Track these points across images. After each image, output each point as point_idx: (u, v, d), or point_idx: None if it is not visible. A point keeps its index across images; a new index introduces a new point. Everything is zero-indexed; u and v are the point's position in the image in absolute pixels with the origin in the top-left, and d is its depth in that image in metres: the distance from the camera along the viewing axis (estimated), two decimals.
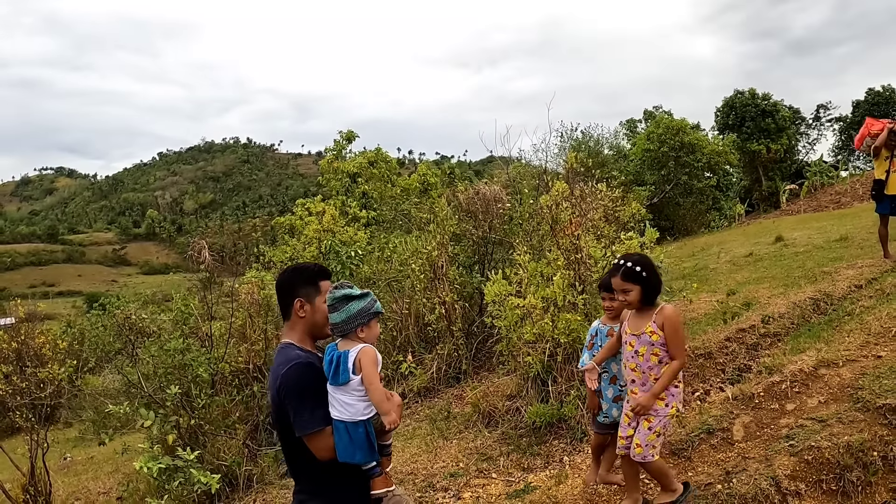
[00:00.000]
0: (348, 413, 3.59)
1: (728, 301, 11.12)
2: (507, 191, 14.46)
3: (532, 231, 11.45)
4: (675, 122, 37.01)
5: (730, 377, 8.20)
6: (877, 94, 79.05)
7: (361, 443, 3.61)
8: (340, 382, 3.61)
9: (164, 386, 10.16)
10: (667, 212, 35.54)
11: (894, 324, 7.71)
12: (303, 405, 3.63)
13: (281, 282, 4.02)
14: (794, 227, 24.73)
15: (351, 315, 3.69)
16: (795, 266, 13.85)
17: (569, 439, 7.72)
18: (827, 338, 8.10)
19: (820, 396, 6.36)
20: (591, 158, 30.53)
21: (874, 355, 6.86)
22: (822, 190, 48.56)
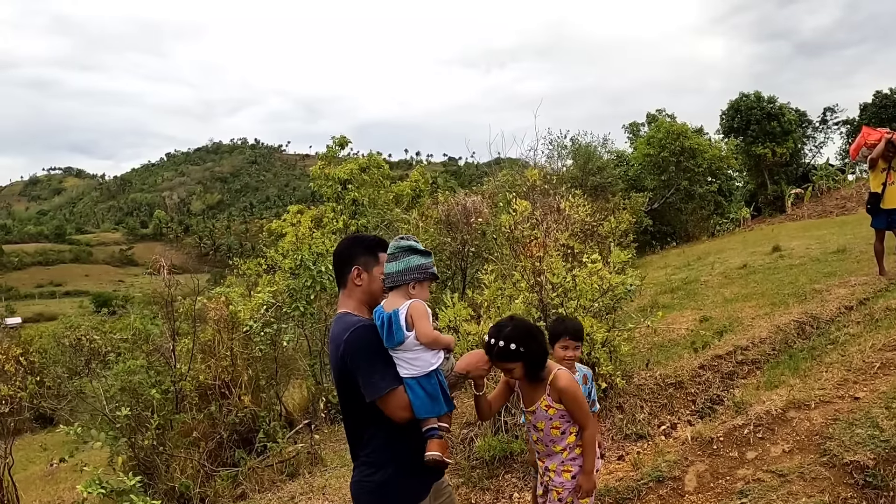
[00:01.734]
0: (417, 368, 3.51)
1: (699, 329, 10.61)
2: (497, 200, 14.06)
3: (502, 247, 10.97)
4: (676, 127, 36.56)
5: (700, 409, 7.68)
6: (884, 96, 78.75)
7: (436, 393, 3.54)
8: (396, 342, 3.49)
9: (118, 406, 9.85)
10: (668, 217, 35.17)
11: (877, 358, 7.24)
12: (373, 367, 3.51)
13: (339, 251, 3.90)
14: (793, 234, 24.33)
15: (410, 267, 3.58)
16: (787, 281, 13.42)
17: (521, 474, 7.21)
18: (805, 370, 7.63)
19: (785, 444, 5.84)
20: (587, 165, 30.46)
21: (851, 396, 6.37)
22: (827, 194, 48.18)
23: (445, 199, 14.21)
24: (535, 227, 8.67)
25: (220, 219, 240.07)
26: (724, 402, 7.57)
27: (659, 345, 10.10)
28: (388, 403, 3.50)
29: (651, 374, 8.29)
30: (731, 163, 40.38)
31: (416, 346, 3.51)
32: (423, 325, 3.51)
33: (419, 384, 3.50)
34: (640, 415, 7.63)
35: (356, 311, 3.72)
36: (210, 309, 11.83)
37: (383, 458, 3.62)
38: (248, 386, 11.41)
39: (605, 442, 7.26)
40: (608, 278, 7.51)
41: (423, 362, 3.51)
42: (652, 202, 32.66)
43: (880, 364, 7.08)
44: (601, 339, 7.28)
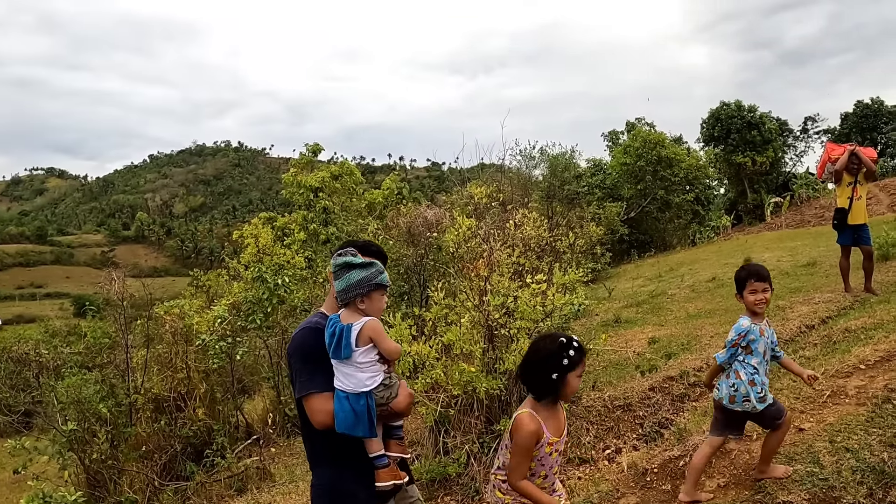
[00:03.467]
0: (350, 384, 3.54)
1: (654, 348, 10.45)
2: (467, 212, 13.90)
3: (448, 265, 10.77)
4: (654, 136, 36.58)
5: (647, 433, 7.50)
6: (865, 106, 79.56)
7: (362, 414, 3.52)
8: (343, 357, 3.55)
9: (67, 420, 9.72)
10: (645, 226, 35.17)
11: (828, 385, 7.07)
12: (304, 368, 3.63)
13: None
14: (768, 245, 24.34)
15: (351, 283, 3.62)
16: None
17: (460, 496, 7.06)
18: None
19: (721, 478, 5.65)
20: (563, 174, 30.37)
21: (796, 427, 6.20)
22: (807, 203, 48.36)
23: (408, 211, 14.05)
24: (481, 244, 8.50)
25: (203, 222, 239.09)
26: (671, 427, 7.41)
27: (614, 363, 9.95)
28: (310, 405, 3.59)
29: (600, 396, 8.15)
30: (709, 172, 40.39)
31: (361, 363, 3.54)
32: (386, 344, 3.62)
33: (347, 399, 3.51)
34: (586, 438, 7.50)
35: (329, 311, 3.81)
36: (166, 321, 11.66)
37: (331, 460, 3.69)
38: (203, 399, 11.25)
39: None
40: (553, 299, 7.34)
41: (356, 381, 3.54)
42: (628, 211, 32.61)
43: (830, 392, 6.90)
44: None
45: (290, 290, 12.11)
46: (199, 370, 11.37)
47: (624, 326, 12.51)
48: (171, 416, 10.93)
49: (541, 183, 28.99)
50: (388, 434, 3.77)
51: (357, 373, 3.55)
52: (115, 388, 10.75)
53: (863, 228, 11.70)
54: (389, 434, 3.78)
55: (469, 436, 7.45)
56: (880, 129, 76.71)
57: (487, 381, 7.05)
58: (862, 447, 5.43)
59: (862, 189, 11.68)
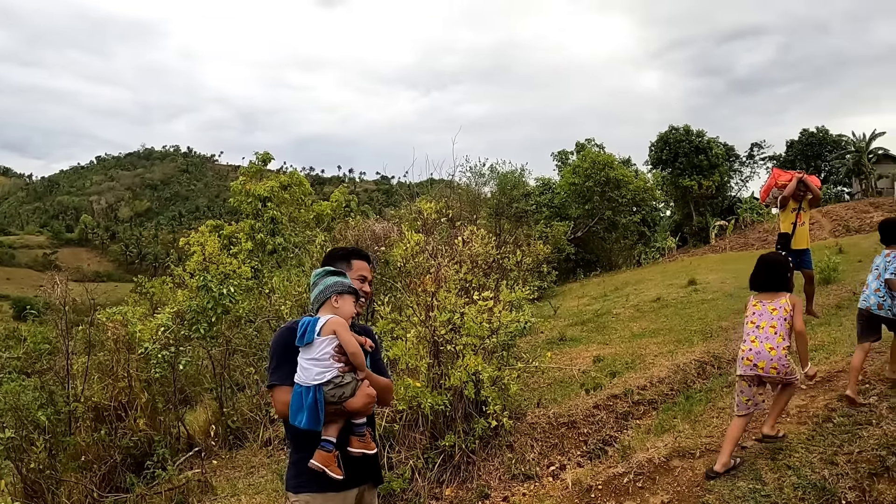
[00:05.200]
0: (304, 377, 3.70)
1: (599, 366, 10.49)
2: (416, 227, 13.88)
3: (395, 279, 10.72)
4: (602, 157, 36.89)
5: (591, 450, 7.53)
6: (811, 134, 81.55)
7: (309, 407, 3.67)
8: (305, 342, 3.73)
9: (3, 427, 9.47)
10: (592, 246, 35.39)
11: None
12: (273, 361, 3.86)
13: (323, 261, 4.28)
14: (712, 267, 24.60)
15: (328, 285, 3.87)
16: (696, 317, 13.49)
17: None
18: (697, 415, 7.54)
19: (664, 495, 5.69)
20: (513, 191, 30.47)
21: (739, 445, 6.26)
22: (751, 227, 49.10)
23: (356, 224, 14.02)
24: (429, 259, 8.49)
25: (148, 227, 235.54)
26: (615, 444, 7.45)
27: (559, 380, 9.98)
28: (273, 396, 3.88)
29: (544, 413, 8.16)
30: (656, 194, 40.78)
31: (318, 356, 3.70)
32: (346, 336, 3.77)
33: (301, 392, 3.68)
34: (530, 454, 7.48)
35: None
36: (108, 328, 11.46)
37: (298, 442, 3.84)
38: (144, 409, 11.07)
39: (493, 482, 7.11)
40: (499, 316, 7.36)
41: (308, 374, 3.69)
42: (575, 230, 32.81)
43: None
44: (488, 379, 7.10)
45: (236, 299, 11.98)
46: (141, 379, 11.17)
47: (569, 344, 12.57)
48: (112, 425, 10.66)
49: (490, 200, 29.07)
50: (350, 431, 3.87)
51: (313, 366, 3.69)
52: (55, 395, 10.47)
53: (805, 253, 11.89)
54: (352, 430, 3.88)
55: (414, 451, 7.42)
56: (824, 157, 78.51)
57: (432, 396, 7.03)
58: (803, 464, 5.53)
59: (805, 215, 11.86)
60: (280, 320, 12.11)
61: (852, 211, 42.00)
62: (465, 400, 7.35)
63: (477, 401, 7.27)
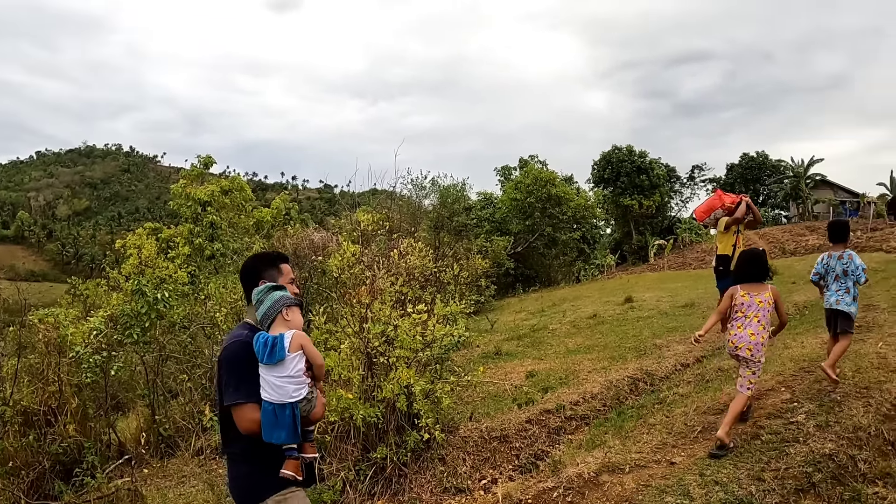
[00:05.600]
0: (277, 395, 3.69)
1: (533, 381, 10.52)
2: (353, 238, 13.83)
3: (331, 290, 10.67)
4: (545, 174, 37.14)
5: (523, 465, 7.56)
6: (750, 158, 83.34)
7: (287, 424, 3.72)
8: (276, 359, 3.71)
9: None
10: (531, 261, 35.57)
11: (700, 421, 7.29)
12: (234, 378, 3.79)
13: (246, 267, 4.24)
14: (649, 285, 24.87)
15: (276, 300, 3.87)
16: (631, 334, 13.61)
17: None
18: (628, 430, 7.61)
19: None
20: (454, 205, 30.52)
21: (667, 461, 6.36)
22: (689, 246, 49.92)
23: (295, 232, 13.93)
24: (365, 271, 8.46)
25: (86, 227, 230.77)
26: (547, 458, 7.48)
27: (493, 395, 9.99)
28: (238, 414, 3.77)
29: (477, 427, 8.16)
30: (596, 212, 41.19)
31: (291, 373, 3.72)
32: (314, 351, 3.86)
33: (273, 410, 3.68)
34: (462, 468, 7.47)
35: (257, 324, 3.97)
36: (40, 330, 11.23)
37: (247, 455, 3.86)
38: (74, 414, 10.85)
39: (425, 495, 7.10)
40: (433, 329, 7.36)
41: (283, 392, 3.69)
42: (515, 245, 32.97)
43: (702, 428, 7.12)
44: (420, 392, 7.09)
45: (170, 305, 11.82)
46: (72, 384, 10.93)
47: (504, 359, 12.60)
48: (41, 430, 10.41)
49: (431, 213, 29.10)
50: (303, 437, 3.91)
51: (286, 384, 3.70)
52: None
53: None
54: (305, 437, 3.93)
55: (345, 463, 7.37)
56: (763, 180, 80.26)
57: (365, 408, 7.00)
58: (731, 480, 5.63)
59: (742, 237, 12.09)
60: (215, 327, 11.99)
61: (789, 234, 42.86)
62: (398, 412, 7.33)
63: (409, 413, 7.26)
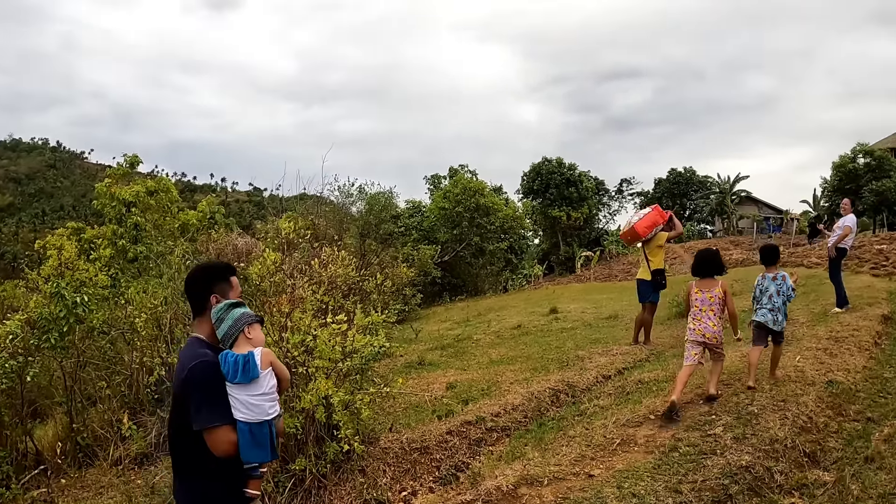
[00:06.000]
0: (254, 414, 3.69)
1: (455, 392, 10.49)
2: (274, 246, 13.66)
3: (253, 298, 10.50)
4: (474, 184, 37.31)
5: (443, 476, 7.54)
6: (678, 174, 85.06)
7: (265, 442, 3.74)
8: (251, 377, 3.69)
9: None
10: (458, 270, 35.63)
11: (619, 434, 7.33)
12: (206, 401, 3.69)
13: (194, 278, 4.12)
14: (574, 297, 25.07)
15: (237, 318, 3.82)
16: (555, 346, 13.70)
17: None
18: (547, 442, 7.63)
19: None
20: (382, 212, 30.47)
21: (586, 473, 6.38)
22: (616, 258, 50.61)
23: (219, 237, 13.73)
24: (285, 279, 8.36)
25: (9, 223, 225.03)
26: (467, 470, 7.47)
27: (414, 405, 9.95)
28: (212, 437, 3.68)
29: (398, 438, 8.11)
30: (524, 223, 41.51)
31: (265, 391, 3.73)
32: (282, 366, 3.93)
33: (250, 429, 3.68)
34: (383, 480, 7.42)
35: (208, 338, 3.94)
36: None
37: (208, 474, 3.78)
38: None
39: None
40: (353, 340, 7.32)
41: (260, 410, 3.70)
42: (443, 254, 33.00)
43: (620, 440, 7.16)
44: (339, 403, 7.03)
45: (90, 309, 11.56)
46: None
47: (427, 369, 12.56)
48: None
49: (358, 220, 28.99)
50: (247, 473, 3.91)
51: (261, 402, 3.71)
52: None
53: None
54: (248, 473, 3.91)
55: None
56: (690, 195, 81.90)
57: (283, 419, 6.93)
58: (648, 493, 5.67)
59: None
60: (134, 333, 11.75)
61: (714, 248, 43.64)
62: (317, 423, 7.26)
63: (329, 424, 7.20)
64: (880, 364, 9.72)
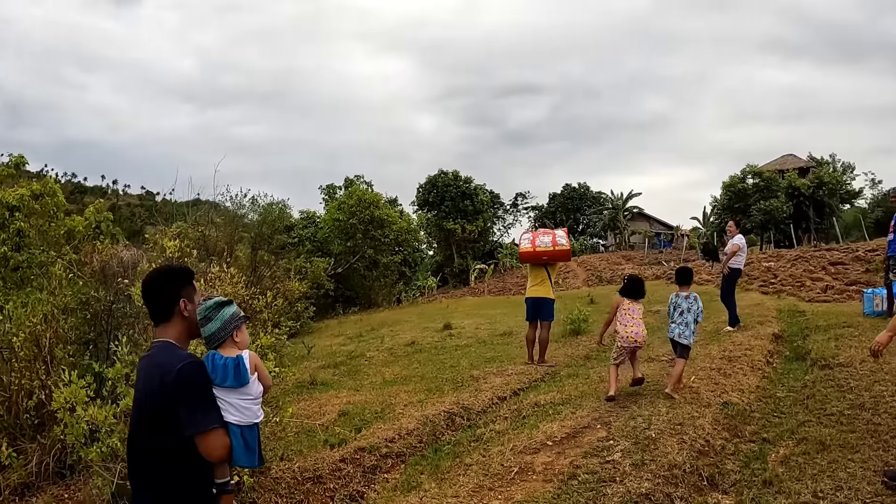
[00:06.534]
0: (245, 416, 3.65)
1: (349, 416, 10.21)
2: None
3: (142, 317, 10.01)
4: (369, 196, 37.23)
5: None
6: (572, 189, 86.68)
7: (255, 446, 3.70)
8: (243, 382, 3.67)
9: None
10: (352, 282, 35.44)
11: (517, 461, 7.18)
12: (201, 404, 3.58)
13: (159, 283, 3.88)
14: (469, 311, 25.06)
15: (226, 319, 3.77)
16: (449, 364, 13.58)
17: None
18: (444, 471, 7.45)
19: None
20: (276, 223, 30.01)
21: None
22: (509, 271, 50.99)
23: (104, 248, 13.14)
24: None
25: None
26: (362, 500, 7.25)
27: (306, 430, 9.65)
28: (207, 441, 3.55)
29: (289, 467, 7.82)
30: (419, 236, 41.59)
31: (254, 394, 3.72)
32: (265, 371, 3.89)
33: (241, 433, 3.63)
34: None
35: (178, 342, 3.79)
36: None
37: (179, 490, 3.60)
38: None
39: None
40: None
41: (251, 413, 3.68)
42: (336, 266, 32.75)
43: (518, 469, 7.01)
44: None
45: None
46: None
47: (320, 389, 12.27)
48: None
49: (250, 230, 28.50)
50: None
51: (251, 405, 3.68)
52: None
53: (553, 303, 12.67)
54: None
55: None
56: (584, 210, 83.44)
57: None
58: None
59: None
60: (12, 353, 11.17)
61: (606, 262, 44.52)
62: None
63: None
64: (773, 383, 9.83)
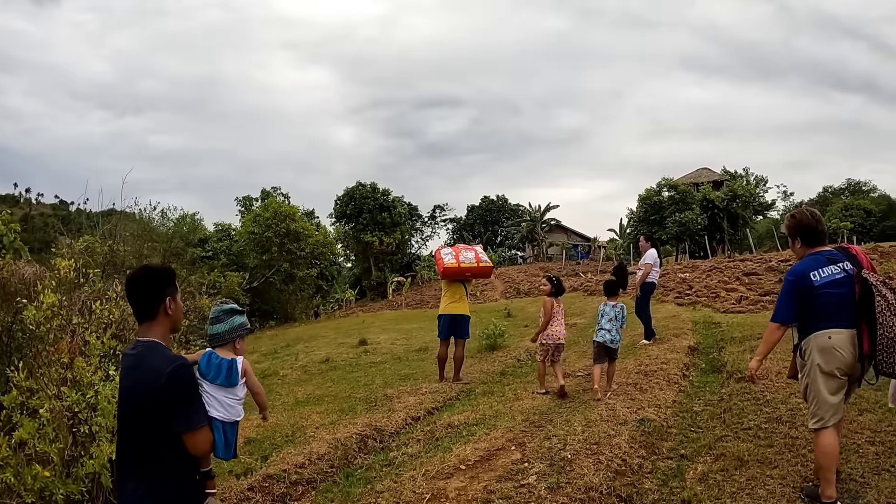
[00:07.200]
0: (229, 413, 3.89)
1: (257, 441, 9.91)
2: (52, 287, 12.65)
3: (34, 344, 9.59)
4: (285, 209, 36.91)
5: None
6: (490, 201, 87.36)
7: (233, 441, 3.96)
8: (232, 384, 3.93)
9: None
10: (269, 297, 35.10)
11: (429, 488, 6.99)
12: (192, 404, 3.75)
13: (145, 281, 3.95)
14: (385, 326, 24.94)
15: (234, 326, 4.12)
16: (363, 383, 13.41)
17: None
18: (355, 499, 7.23)
19: None
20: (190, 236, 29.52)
21: None
22: (427, 284, 51.05)
23: (6, 264, 12.61)
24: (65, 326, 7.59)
25: None
26: None
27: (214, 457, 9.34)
28: (197, 438, 3.71)
29: None
30: (335, 249, 41.42)
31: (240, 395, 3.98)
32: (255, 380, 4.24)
33: (223, 428, 3.85)
34: None
35: (163, 341, 3.86)
36: None
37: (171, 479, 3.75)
38: None
39: None
40: None
41: (235, 411, 3.93)
42: (251, 280, 32.36)
43: (430, 495, 6.82)
44: None
45: None
46: None
47: None
48: None
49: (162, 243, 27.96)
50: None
51: (236, 404, 3.93)
52: None
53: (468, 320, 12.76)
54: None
55: None
56: (502, 222, 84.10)
57: (66, 485, 6.23)
58: None
59: None
60: None
61: (524, 274, 44.82)
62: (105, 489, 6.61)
63: None
64: (689, 397, 9.86)
